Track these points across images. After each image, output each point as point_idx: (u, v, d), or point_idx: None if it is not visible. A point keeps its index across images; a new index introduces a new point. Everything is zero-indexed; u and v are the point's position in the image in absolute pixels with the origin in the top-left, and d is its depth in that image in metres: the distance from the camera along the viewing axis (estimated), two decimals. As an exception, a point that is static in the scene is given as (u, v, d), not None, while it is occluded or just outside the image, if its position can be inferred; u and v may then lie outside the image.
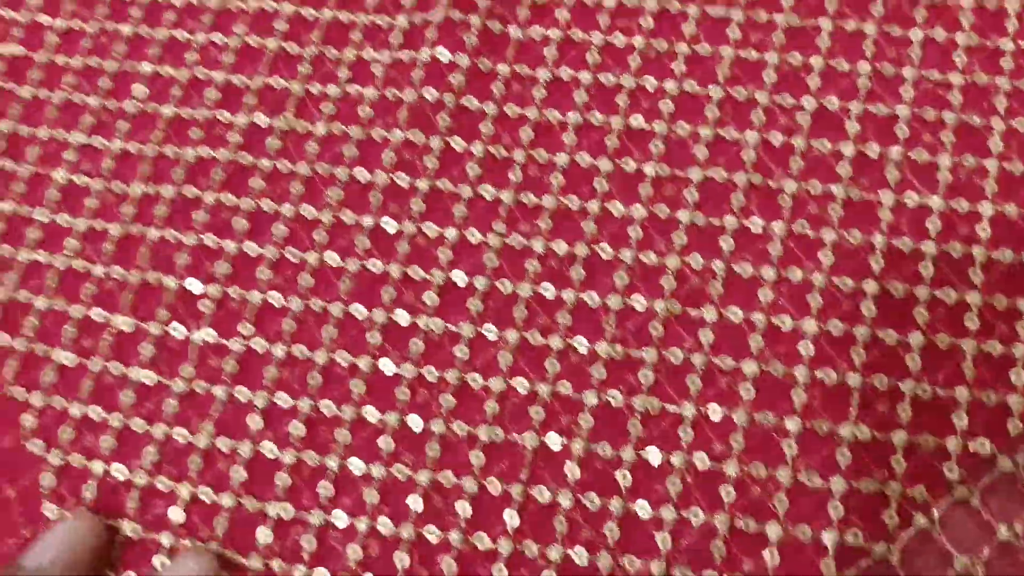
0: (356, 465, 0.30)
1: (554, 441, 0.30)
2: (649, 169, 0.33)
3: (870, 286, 0.31)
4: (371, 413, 0.31)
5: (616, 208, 0.32)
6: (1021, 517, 0.28)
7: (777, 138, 0.33)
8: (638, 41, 0.35)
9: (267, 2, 0.37)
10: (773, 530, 0.28)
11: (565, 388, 0.31)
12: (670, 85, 0.34)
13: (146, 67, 0.37)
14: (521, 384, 0.31)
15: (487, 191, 0.33)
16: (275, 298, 0.33)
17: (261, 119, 0.35)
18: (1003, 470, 0.28)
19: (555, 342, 0.31)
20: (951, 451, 0.29)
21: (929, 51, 0.33)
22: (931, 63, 0.33)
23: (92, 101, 0.36)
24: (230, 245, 0.33)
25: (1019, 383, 0.29)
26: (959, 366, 0.29)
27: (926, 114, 0.33)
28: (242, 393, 0.32)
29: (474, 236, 0.33)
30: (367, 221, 0.33)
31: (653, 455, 0.30)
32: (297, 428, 0.31)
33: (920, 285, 0.30)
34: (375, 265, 0.33)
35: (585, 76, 0.34)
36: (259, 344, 0.32)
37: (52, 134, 0.36)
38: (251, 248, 0.33)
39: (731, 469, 0.29)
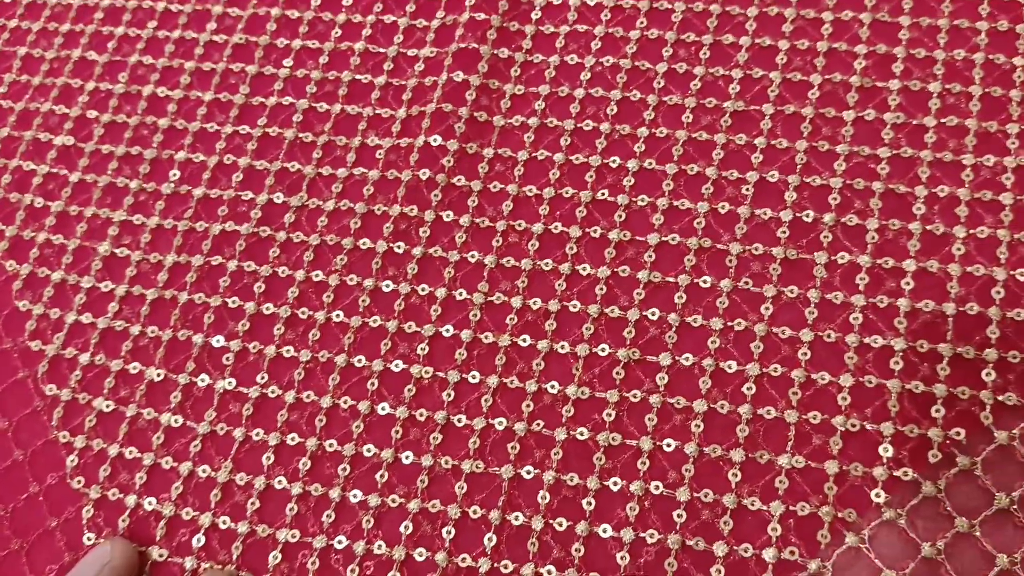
0: (355, 495, 0.34)
1: (528, 472, 0.34)
2: (613, 235, 0.37)
3: (805, 334, 0.34)
4: (369, 450, 0.35)
5: (584, 269, 0.37)
6: (942, 536, 0.31)
7: (724, 207, 0.37)
8: (604, 127, 0.39)
9: (285, 98, 0.42)
10: (720, 548, 0.32)
11: (538, 426, 0.34)
12: (632, 163, 0.38)
13: (180, 155, 0.42)
14: (500, 423, 0.35)
15: (472, 256, 0.38)
16: (287, 351, 0.37)
17: (279, 198, 0.40)
18: (926, 494, 0.32)
19: (530, 386, 0.35)
20: (878, 478, 0.32)
21: (860, 129, 0.38)
22: (862, 139, 0.38)
23: (133, 184, 0.41)
24: (250, 306, 0.38)
25: (939, 418, 0.33)
26: (885, 403, 0.33)
27: (856, 184, 0.37)
28: (257, 434, 0.36)
29: (461, 295, 0.37)
30: (368, 283, 0.38)
31: (615, 484, 0.33)
32: (305, 463, 0.35)
33: (850, 333, 0.34)
34: (375, 321, 0.37)
35: (558, 156, 0.39)
36: (273, 391, 0.36)
37: (97, 212, 0.41)
38: (268, 308, 0.38)
39: (683, 495, 0.33)
